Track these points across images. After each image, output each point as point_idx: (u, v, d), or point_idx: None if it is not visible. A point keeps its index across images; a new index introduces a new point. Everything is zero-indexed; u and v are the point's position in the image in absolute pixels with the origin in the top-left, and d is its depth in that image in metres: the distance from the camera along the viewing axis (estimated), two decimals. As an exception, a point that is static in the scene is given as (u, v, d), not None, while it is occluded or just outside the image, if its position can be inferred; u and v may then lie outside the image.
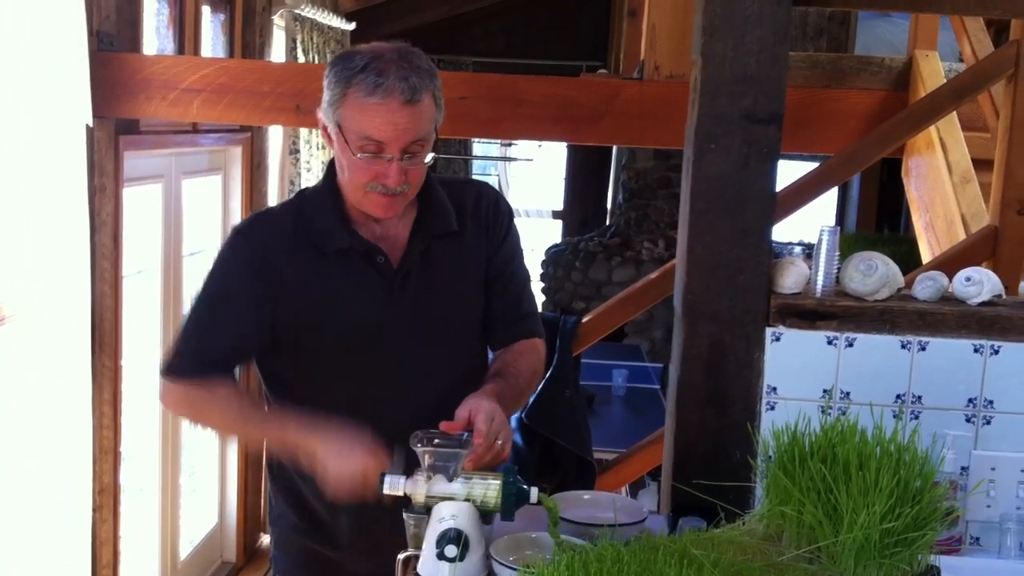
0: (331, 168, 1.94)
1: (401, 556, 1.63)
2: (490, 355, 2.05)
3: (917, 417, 1.87)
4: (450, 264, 1.94)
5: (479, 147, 10.00)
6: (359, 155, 1.78)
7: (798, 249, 7.17)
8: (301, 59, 4.80)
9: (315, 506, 1.98)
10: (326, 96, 1.82)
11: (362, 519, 1.93)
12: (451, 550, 1.56)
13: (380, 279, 1.88)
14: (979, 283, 1.89)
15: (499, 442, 1.73)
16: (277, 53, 4.86)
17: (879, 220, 8.00)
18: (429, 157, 1.84)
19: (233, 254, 1.92)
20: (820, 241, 1.91)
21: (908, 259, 3.22)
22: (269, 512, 2.15)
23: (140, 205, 3.75)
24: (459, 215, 1.96)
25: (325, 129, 1.86)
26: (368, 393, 1.90)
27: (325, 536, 2.01)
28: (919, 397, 1.88)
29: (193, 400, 1.92)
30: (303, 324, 1.87)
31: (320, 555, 2.03)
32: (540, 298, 8.55)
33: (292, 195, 2.02)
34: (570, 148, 9.54)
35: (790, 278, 1.90)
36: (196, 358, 1.89)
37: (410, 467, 1.65)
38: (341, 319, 1.87)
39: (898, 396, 1.88)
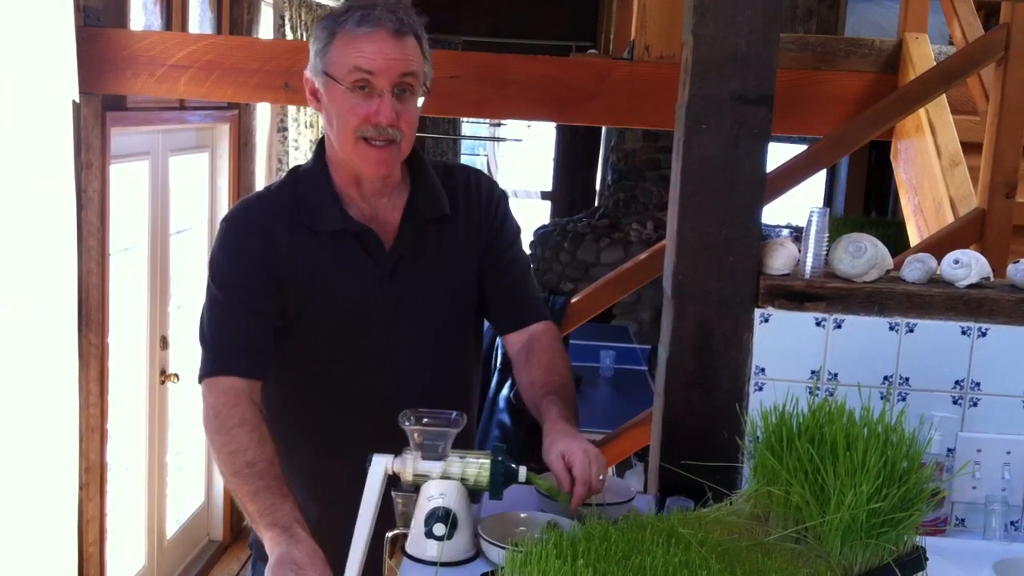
0: (320, 147, 1.92)
1: (389, 535, 1.63)
2: (498, 341, 2.03)
3: (904, 399, 1.88)
4: (442, 250, 1.92)
5: (467, 127, 9.98)
6: (351, 92, 1.77)
7: (786, 231, 7.17)
8: (289, 36, 4.77)
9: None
10: (313, 50, 1.82)
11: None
12: (439, 528, 1.56)
13: (372, 263, 1.87)
14: (967, 266, 1.90)
15: (600, 478, 1.67)
16: (265, 30, 4.83)
17: (867, 203, 8.01)
18: (420, 101, 1.82)
19: (230, 240, 1.87)
20: (810, 222, 1.91)
21: (896, 242, 3.22)
22: None
23: (127, 182, 3.73)
24: (451, 200, 1.94)
25: (315, 94, 1.84)
26: (361, 375, 1.89)
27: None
28: (906, 379, 1.88)
29: (220, 410, 1.74)
30: (299, 302, 1.85)
31: None
32: (528, 279, 8.54)
33: (284, 174, 2.00)
34: (559, 129, 9.52)
35: (779, 259, 1.90)
36: (224, 350, 1.80)
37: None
38: (333, 300, 1.86)
39: (886, 378, 1.88)
